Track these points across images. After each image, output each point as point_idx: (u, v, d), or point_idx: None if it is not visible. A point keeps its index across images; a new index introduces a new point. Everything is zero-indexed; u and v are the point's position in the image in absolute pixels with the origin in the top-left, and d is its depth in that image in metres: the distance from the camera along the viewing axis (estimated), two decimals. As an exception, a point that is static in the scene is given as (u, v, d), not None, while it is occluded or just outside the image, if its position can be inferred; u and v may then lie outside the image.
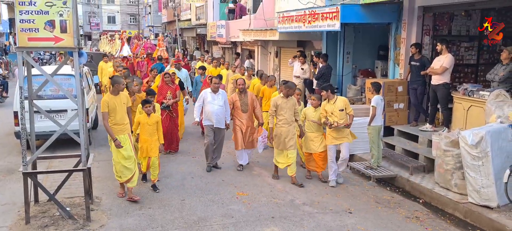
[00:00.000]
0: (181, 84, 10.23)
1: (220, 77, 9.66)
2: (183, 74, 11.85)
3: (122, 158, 6.54)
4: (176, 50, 26.49)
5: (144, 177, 7.52)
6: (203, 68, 12.29)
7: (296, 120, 7.56)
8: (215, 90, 8.08)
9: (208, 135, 8.11)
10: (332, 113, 7.32)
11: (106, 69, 15.51)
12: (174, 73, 10.33)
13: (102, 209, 6.36)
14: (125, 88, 7.76)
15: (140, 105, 7.38)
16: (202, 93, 8.23)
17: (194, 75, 14.93)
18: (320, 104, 7.62)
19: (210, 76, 9.57)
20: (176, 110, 9.50)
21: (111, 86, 6.85)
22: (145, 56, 19.11)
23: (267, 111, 9.01)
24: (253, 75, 12.27)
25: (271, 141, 7.60)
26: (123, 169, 6.59)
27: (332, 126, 7.26)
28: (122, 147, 6.45)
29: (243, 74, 12.51)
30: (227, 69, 14.10)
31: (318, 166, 7.69)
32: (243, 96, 8.29)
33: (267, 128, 8.40)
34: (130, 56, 22.28)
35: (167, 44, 26.91)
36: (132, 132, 6.92)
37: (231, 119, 8.42)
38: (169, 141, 9.09)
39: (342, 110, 7.31)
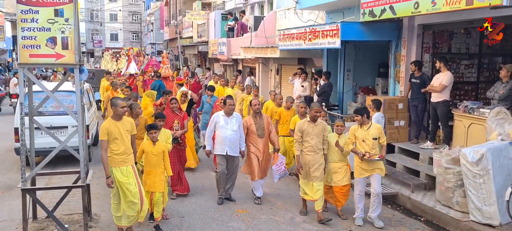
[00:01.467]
0: (190, 104, 9.62)
1: (230, 97, 9.16)
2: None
3: (124, 195, 5.67)
4: (183, 67, 25.10)
5: (151, 216, 6.35)
6: (212, 88, 10.96)
7: (323, 148, 6.60)
8: (229, 113, 7.19)
9: (220, 164, 7.20)
10: (363, 141, 6.36)
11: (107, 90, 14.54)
12: (186, 94, 9.71)
13: (100, 226, 6.32)
14: (129, 111, 7.05)
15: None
16: (214, 117, 7.33)
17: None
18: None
19: (223, 98, 7.84)
20: (184, 143, 7.93)
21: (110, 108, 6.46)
22: (153, 74, 18.62)
23: (284, 136, 8.73)
24: (257, 94, 12.00)
25: (300, 170, 6.65)
26: (125, 207, 5.68)
27: (364, 157, 6.27)
28: (113, 187, 5.65)
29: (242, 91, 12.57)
30: (233, 88, 13.66)
31: (338, 200, 6.78)
32: (259, 119, 7.40)
33: (288, 154, 8.06)
34: (137, 74, 21.78)
35: (169, 61, 26.32)
36: (136, 162, 6.03)
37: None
38: (174, 181, 7.42)
39: (376, 139, 6.34)
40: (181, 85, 11.76)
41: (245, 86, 13.13)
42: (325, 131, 6.58)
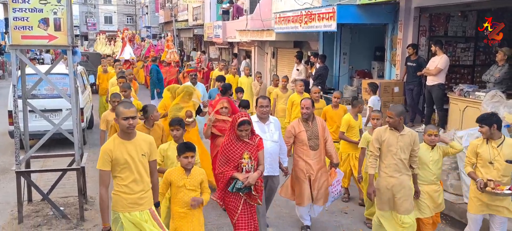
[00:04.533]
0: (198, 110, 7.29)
1: (241, 90, 7.93)
2: (199, 89, 8.50)
3: None
4: (198, 52, 21.65)
5: None
6: (221, 78, 8.98)
7: (411, 167, 4.79)
8: (264, 118, 5.28)
9: None
10: (490, 164, 4.60)
11: (105, 80, 11.74)
12: (190, 116, 6.73)
13: (96, 208, 6.31)
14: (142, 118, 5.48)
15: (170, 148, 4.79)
16: None
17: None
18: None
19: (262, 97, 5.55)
20: (260, 196, 4.91)
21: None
22: (154, 59, 16.48)
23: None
24: (250, 75, 11.61)
25: (372, 196, 4.92)
26: None
27: (487, 188, 4.49)
28: None
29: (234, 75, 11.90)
30: (248, 76, 11.53)
31: None
32: (311, 124, 5.44)
33: (349, 170, 6.42)
34: (133, 59, 20.16)
35: (152, 46, 24.10)
36: (158, 203, 4.10)
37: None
38: None
39: (511, 162, 4.55)
40: (194, 78, 9.10)
41: (242, 69, 12.75)
42: (415, 144, 4.74)
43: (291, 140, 5.45)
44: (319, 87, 8.28)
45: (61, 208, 5.98)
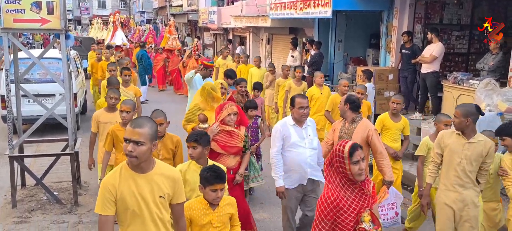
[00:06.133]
0: None
1: (259, 86, 7.09)
2: None
3: None
4: (195, 39, 19.71)
5: None
6: (232, 74, 7.24)
7: (478, 182, 4.00)
8: (302, 121, 4.39)
9: (289, 207, 4.48)
10: None
11: (99, 69, 10.60)
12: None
13: (90, 193, 6.31)
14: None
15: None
16: (279, 128, 4.38)
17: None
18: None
19: (298, 95, 4.57)
20: None
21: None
22: (154, 45, 15.64)
23: None
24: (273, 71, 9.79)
25: (424, 209, 4.30)
26: None
27: None
28: None
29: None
30: (259, 67, 10.28)
31: None
32: (348, 125, 4.60)
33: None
34: (124, 45, 19.26)
35: (152, 31, 23.23)
36: None
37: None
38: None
39: None
40: (209, 71, 7.40)
41: (235, 54, 12.24)
42: (488, 156, 3.90)
43: (331, 140, 4.65)
44: (321, 72, 7.85)
45: (55, 193, 5.97)
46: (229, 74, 7.16)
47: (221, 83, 6.26)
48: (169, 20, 20.88)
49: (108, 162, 4.86)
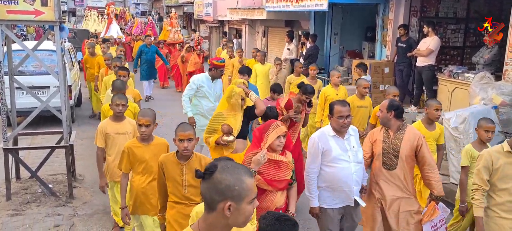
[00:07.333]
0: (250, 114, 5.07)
1: (279, 89, 5.89)
2: (217, 87, 6.32)
3: None
4: (195, 33, 18.71)
5: None
6: (246, 71, 6.74)
7: None
8: (343, 132, 3.82)
9: (329, 229, 3.93)
10: None
11: (93, 64, 9.92)
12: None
13: (85, 186, 6.30)
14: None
15: None
16: (317, 141, 3.80)
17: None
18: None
19: (336, 102, 3.95)
20: None
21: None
22: (153, 38, 14.13)
23: None
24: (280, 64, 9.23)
25: None
26: None
27: None
28: None
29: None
30: (263, 63, 9.15)
31: None
32: (392, 134, 3.94)
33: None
34: (120, 39, 18.29)
35: (152, 23, 22.64)
36: None
37: None
38: None
39: None
40: (220, 71, 6.27)
41: (235, 50, 11.33)
42: None
43: (370, 152, 4.06)
44: (315, 65, 7.67)
45: (50, 186, 5.95)
46: (241, 70, 6.70)
47: (243, 82, 5.17)
48: (172, 12, 19.59)
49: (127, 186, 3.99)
